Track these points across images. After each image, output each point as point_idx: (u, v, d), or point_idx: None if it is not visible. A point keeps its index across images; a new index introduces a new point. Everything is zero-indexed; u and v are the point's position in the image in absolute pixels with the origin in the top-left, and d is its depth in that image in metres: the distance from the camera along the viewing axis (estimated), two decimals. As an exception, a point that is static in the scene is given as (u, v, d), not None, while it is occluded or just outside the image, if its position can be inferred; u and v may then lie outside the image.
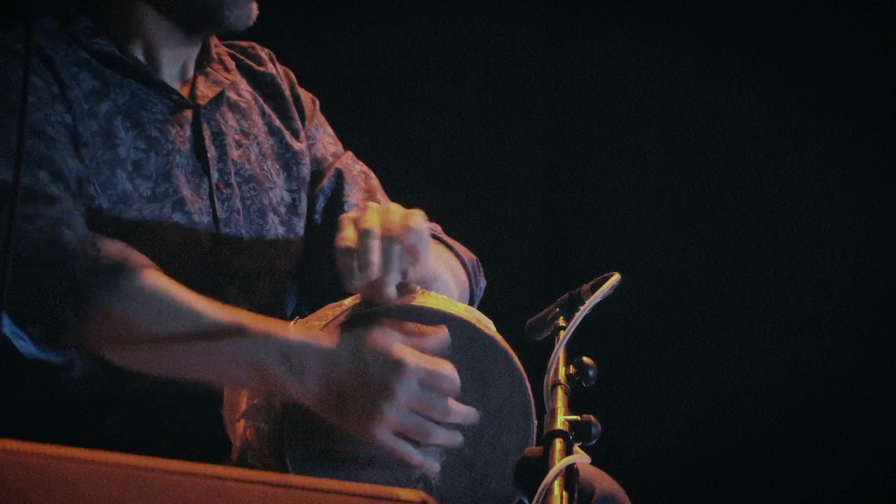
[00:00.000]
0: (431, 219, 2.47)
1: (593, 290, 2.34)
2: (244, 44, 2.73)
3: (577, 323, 2.28)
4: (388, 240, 2.22)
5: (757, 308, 4.30)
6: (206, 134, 2.54)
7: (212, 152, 2.53)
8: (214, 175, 2.52)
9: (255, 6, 2.50)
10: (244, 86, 2.68)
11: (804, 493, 4.29)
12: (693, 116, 4.35)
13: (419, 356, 2.20)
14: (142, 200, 2.44)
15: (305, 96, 2.76)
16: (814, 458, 4.26)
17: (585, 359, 2.27)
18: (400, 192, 2.49)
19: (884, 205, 4.22)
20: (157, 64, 2.54)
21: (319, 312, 2.35)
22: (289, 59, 2.77)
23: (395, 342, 2.21)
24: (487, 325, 2.35)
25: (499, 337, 2.34)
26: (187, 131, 2.52)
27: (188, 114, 2.54)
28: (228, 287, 2.50)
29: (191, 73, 2.58)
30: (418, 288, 2.35)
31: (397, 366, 2.18)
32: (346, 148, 2.77)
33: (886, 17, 4.19)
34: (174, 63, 2.55)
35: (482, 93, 4.41)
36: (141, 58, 2.52)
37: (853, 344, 4.24)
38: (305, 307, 2.65)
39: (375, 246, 2.20)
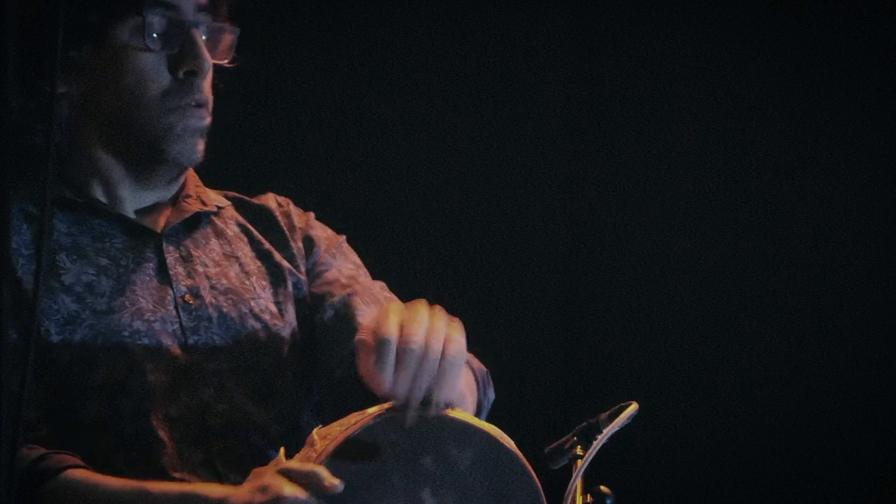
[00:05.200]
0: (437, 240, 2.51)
1: (611, 418, 2.34)
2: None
3: (595, 452, 2.28)
4: (423, 360, 2.24)
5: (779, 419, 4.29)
6: (172, 256, 2.55)
7: (176, 270, 2.54)
8: (180, 289, 2.53)
9: (201, 143, 2.54)
10: (233, 214, 2.71)
11: None
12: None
13: None
14: (94, 316, 2.45)
15: (324, 232, 2.78)
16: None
17: (603, 488, 2.28)
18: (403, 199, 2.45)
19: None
20: (119, 201, 2.56)
21: (343, 420, 2.37)
22: (298, 57, 2.74)
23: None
24: (509, 443, 2.37)
25: (520, 454, 2.35)
26: (147, 255, 2.54)
27: (150, 241, 2.56)
28: (203, 388, 2.50)
29: (165, 209, 2.62)
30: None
31: None
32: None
33: (886, 17, 4.21)
34: (142, 201, 2.58)
35: (501, 103, 4.43)
36: (101, 197, 2.54)
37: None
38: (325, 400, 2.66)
39: (409, 373, 2.23)
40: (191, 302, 2.53)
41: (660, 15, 4.38)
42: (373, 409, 2.36)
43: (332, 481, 2.22)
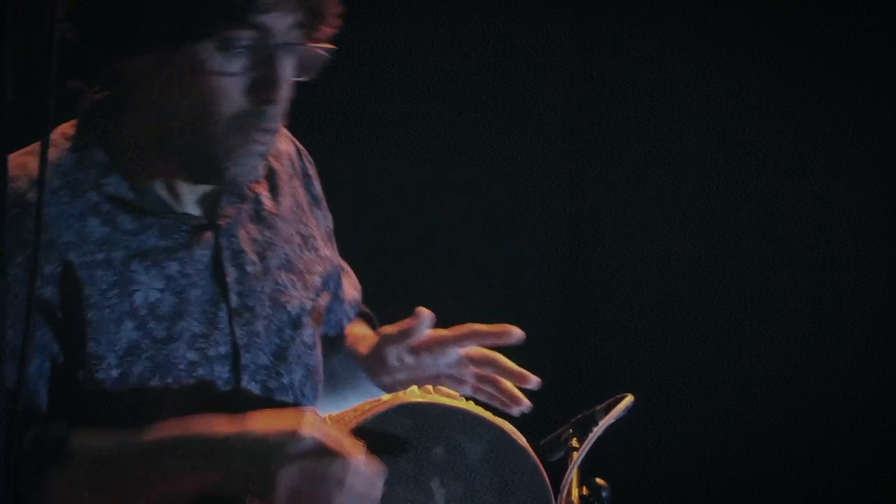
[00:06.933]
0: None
1: (606, 410, 2.34)
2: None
3: (591, 444, 2.28)
4: None
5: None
6: (226, 255, 2.46)
7: (231, 275, 2.45)
8: (233, 300, 2.45)
9: (262, 163, 2.40)
10: (284, 175, 2.61)
11: None
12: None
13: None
14: (153, 346, 2.37)
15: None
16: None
17: (598, 480, 2.28)
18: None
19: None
20: (178, 193, 2.44)
21: (357, 406, 2.39)
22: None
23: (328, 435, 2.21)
24: (520, 438, 2.38)
25: (530, 450, 2.37)
26: (207, 254, 2.44)
27: (209, 235, 2.45)
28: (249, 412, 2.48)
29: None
30: (457, 394, 2.40)
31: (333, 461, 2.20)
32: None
33: (886, 17, 4.22)
34: (197, 189, 2.45)
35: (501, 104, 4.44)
36: (161, 190, 2.42)
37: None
38: None
39: None
40: (243, 314, 2.45)
41: (660, 15, 4.39)
42: (387, 397, 2.37)
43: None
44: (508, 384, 2.54)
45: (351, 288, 2.75)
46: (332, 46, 2.39)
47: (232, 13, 2.29)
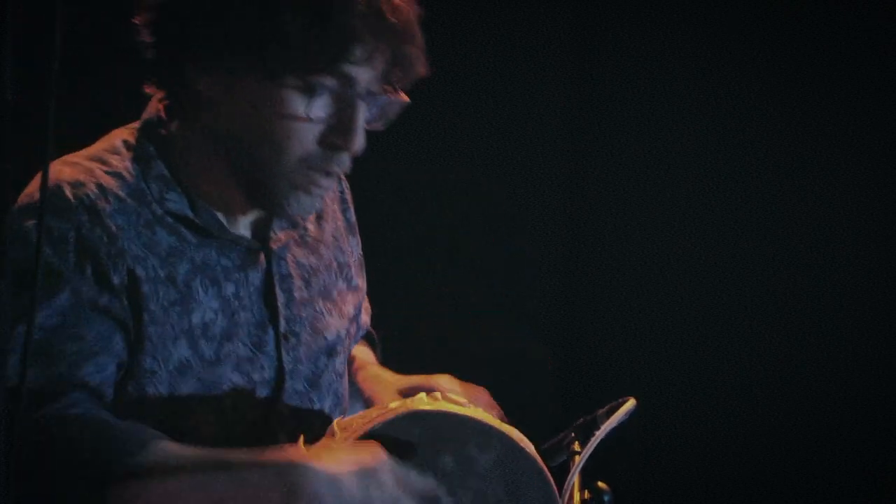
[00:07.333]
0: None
1: (608, 414, 2.34)
2: None
3: (592, 448, 2.28)
4: None
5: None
6: (276, 279, 2.47)
7: (280, 299, 2.47)
8: (282, 324, 2.46)
9: (319, 203, 2.43)
10: (327, 200, 2.63)
11: None
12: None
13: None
14: (201, 365, 2.37)
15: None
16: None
17: (601, 484, 2.28)
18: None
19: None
20: (232, 215, 2.45)
21: (364, 413, 2.39)
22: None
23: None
24: (529, 447, 2.39)
25: (539, 459, 2.37)
26: (259, 276, 2.45)
27: (261, 257, 2.46)
28: (281, 436, 2.45)
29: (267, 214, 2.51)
30: (465, 401, 2.39)
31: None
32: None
33: (886, 17, 4.21)
34: (251, 212, 2.47)
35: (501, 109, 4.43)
36: (216, 209, 2.42)
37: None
38: None
39: None
40: (289, 339, 2.47)
41: (660, 15, 4.39)
42: (395, 404, 2.37)
43: None
44: None
45: (364, 312, 2.76)
46: (406, 98, 2.40)
47: (321, 61, 2.29)
